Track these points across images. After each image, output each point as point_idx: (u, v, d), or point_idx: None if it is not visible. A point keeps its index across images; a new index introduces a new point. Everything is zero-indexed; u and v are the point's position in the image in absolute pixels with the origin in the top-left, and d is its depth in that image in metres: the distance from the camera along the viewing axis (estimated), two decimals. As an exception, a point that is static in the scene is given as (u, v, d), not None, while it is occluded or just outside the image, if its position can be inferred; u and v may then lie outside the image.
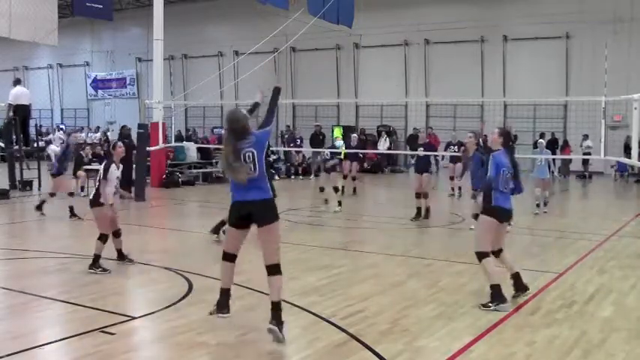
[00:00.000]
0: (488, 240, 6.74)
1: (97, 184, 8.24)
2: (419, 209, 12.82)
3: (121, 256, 8.41)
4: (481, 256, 6.66)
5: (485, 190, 6.77)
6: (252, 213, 5.38)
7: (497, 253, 6.88)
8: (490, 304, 6.48)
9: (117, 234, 8.32)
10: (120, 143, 8.51)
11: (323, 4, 21.49)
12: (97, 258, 8.00)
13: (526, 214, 13.42)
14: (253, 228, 5.56)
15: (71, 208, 12.61)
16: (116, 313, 6.16)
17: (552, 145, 24.46)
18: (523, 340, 5.56)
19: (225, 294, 5.57)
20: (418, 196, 12.89)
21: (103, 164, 8.30)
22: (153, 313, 6.30)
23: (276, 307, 5.28)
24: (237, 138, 5.29)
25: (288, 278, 7.77)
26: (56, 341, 5.53)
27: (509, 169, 6.71)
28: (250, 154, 5.27)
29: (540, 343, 5.49)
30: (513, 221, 11.36)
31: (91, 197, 8.32)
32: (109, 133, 32.24)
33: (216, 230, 10.08)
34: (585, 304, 6.75)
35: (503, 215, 6.79)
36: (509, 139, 6.98)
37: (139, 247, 10.17)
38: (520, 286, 6.87)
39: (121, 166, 8.37)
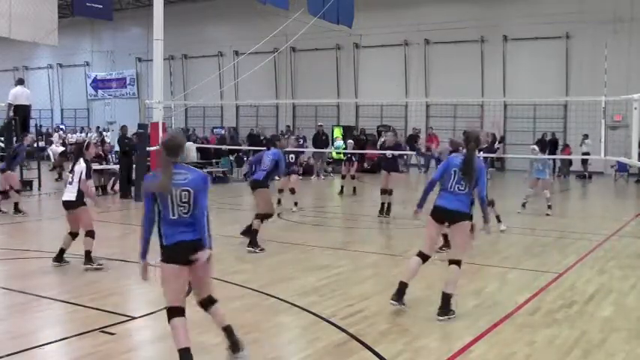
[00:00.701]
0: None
1: (77, 184, 8.26)
2: (382, 205, 13.23)
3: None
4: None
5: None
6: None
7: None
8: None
9: (79, 235, 8.43)
10: (93, 144, 8.66)
11: (323, 4, 21.49)
12: (88, 253, 8.17)
13: (526, 215, 13.42)
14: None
15: (16, 205, 12.85)
16: (116, 313, 6.16)
17: (553, 146, 24.47)
18: (523, 340, 5.56)
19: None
20: (383, 192, 13.34)
21: (84, 165, 8.23)
22: (153, 313, 6.30)
23: (229, 331, 5.05)
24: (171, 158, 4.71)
25: (288, 278, 7.80)
26: (56, 341, 5.53)
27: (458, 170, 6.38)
28: (186, 193, 4.67)
29: (540, 343, 5.49)
30: (507, 224, 11.40)
31: (72, 199, 8.26)
32: (106, 134, 32.32)
33: (253, 244, 9.67)
34: (585, 304, 6.75)
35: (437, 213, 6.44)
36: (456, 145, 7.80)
37: (139, 247, 10.18)
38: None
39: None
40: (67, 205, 8.31)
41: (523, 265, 8.63)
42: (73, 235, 8.35)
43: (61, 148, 25.28)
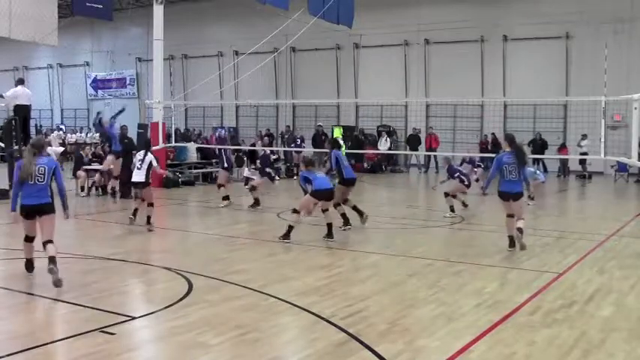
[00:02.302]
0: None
1: (145, 170, 11.40)
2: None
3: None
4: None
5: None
6: (39, 210, 7.44)
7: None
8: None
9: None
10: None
11: (323, 4, 21.50)
12: (149, 219, 11.23)
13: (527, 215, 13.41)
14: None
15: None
16: (116, 313, 6.16)
17: (541, 147, 24.40)
18: (523, 340, 5.56)
19: (29, 262, 7.83)
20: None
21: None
22: (153, 313, 6.30)
23: (52, 259, 7.22)
24: (34, 154, 7.50)
25: (288, 278, 7.80)
26: (56, 341, 5.53)
27: None
28: (43, 168, 7.44)
29: (540, 343, 5.49)
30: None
31: (142, 179, 11.39)
32: (96, 135, 32.38)
33: (286, 236, 10.20)
34: (585, 304, 6.75)
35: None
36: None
37: (139, 247, 10.19)
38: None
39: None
40: (137, 184, 11.58)
41: (523, 265, 8.63)
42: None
43: (61, 148, 25.28)
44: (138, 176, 11.51)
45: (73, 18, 26.12)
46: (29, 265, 7.80)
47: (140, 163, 11.58)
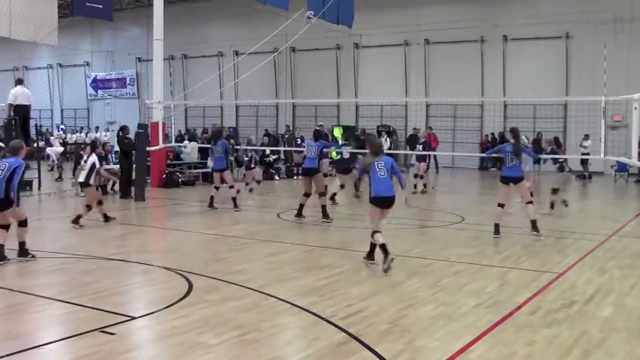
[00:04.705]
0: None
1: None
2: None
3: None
4: None
5: None
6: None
7: None
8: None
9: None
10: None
11: (323, 4, 21.49)
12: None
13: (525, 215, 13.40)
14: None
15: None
16: (116, 313, 6.16)
17: (538, 145, 24.37)
18: (523, 340, 5.56)
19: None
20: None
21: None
22: (153, 313, 6.30)
23: (22, 246, 8.38)
24: (4, 156, 8.60)
25: (288, 278, 7.80)
26: (56, 341, 5.53)
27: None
28: (4, 165, 8.28)
29: (540, 343, 5.49)
30: (507, 224, 11.46)
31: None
32: (97, 134, 32.49)
33: (326, 215, 12.11)
34: (585, 304, 6.75)
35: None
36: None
37: (139, 247, 10.20)
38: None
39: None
40: (81, 185, 11.82)
41: (523, 265, 8.62)
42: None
43: (61, 148, 25.27)
44: (80, 177, 11.62)
45: (73, 18, 26.10)
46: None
47: (84, 163, 11.64)
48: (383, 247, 8.01)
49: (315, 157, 12.60)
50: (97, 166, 11.74)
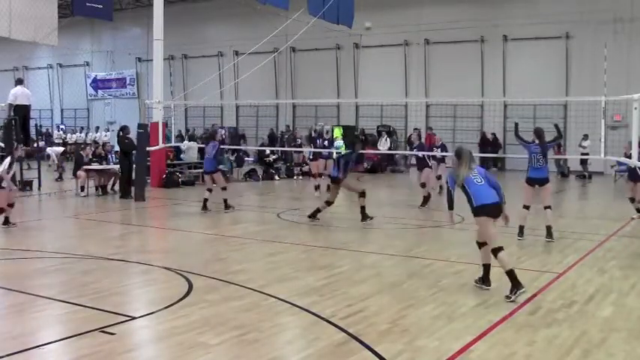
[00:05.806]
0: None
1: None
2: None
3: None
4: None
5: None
6: None
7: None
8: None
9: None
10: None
11: (323, 4, 21.49)
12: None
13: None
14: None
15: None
16: (116, 313, 6.16)
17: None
18: (523, 340, 5.55)
19: None
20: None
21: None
22: (153, 313, 6.30)
23: None
24: None
25: (288, 278, 7.80)
26: (56, 341, 5.53)
27: None
28: None
29: (540, 343, 5.49)
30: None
31: None
32: (97, 134, 32.54)
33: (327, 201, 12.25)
34: (585, 304, 6.75)
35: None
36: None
37: (139, 247, 10.20)
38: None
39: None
40: None
41: (523, 265, 8.61)
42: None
43: (61, 148, 25.28)
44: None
45: (73, 18, 26.10)
46: None
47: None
48: (511, 274, 6.81)
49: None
50: (2, 169, 11.26)
